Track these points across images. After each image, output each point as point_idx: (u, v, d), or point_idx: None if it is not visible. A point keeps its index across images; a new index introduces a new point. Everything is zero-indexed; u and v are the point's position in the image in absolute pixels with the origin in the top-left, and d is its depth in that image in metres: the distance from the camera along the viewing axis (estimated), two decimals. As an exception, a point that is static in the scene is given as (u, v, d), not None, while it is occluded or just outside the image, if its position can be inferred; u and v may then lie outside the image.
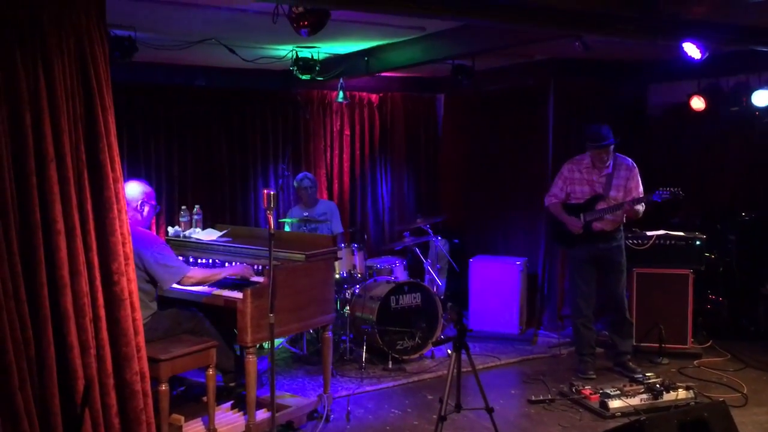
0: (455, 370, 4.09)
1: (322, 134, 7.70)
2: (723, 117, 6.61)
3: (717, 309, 6.53)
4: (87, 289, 3.13)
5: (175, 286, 4.29)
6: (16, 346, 2.92)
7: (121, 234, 3.25)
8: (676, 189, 5.19)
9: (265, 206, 3.78)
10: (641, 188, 5.47)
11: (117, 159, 3.25)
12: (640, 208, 5.41)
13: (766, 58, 5.75)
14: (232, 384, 4.80)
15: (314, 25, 3.80)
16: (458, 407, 4.19)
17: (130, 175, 6.34)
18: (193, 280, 4.31)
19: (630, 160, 5.54)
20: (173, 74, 6.67)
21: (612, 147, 5.40)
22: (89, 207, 3.14)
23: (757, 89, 6.11)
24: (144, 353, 3.41)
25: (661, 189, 5.23)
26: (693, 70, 6.24)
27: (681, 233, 6.14)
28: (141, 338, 3.38)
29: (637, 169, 5.50)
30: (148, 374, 3.44)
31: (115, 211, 3.21)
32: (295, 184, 6.89)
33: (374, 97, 7.97)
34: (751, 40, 4.86)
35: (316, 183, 6.91)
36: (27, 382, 2.95)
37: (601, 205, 5.42)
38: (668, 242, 6.10)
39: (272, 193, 3.80)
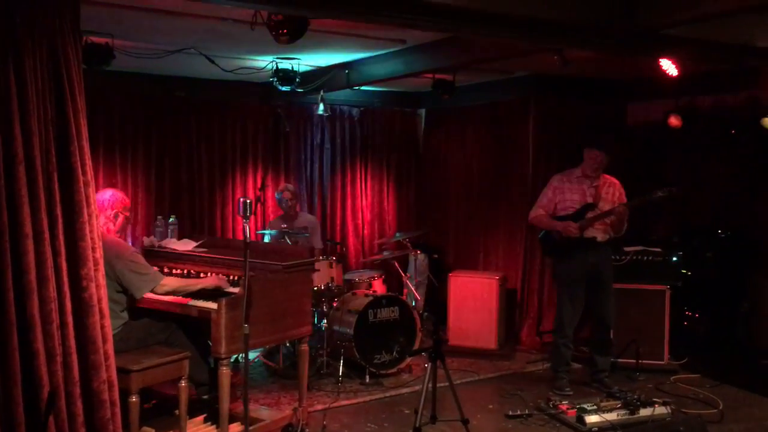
0: (431, 381, 4.05)
1: (302, 147, 7.68)
2: (700, 135, 6.68)
3: (694, 325, 6.56)
4: (54, 294, 3.05)
5: (149, 294, 4.22)
6: (-21, 353, 2.85)
7: (91, 239, 3.18)
8: (672, 187, 5.23)
9: (241, 214, 3.74)
10: None
11: (89, 163, 3.20)
12: (624, 219, 5.42)
13: (742, 77, 5.85)
14: (205, 396, 4.71)
15: (293, 33, 3.80)
16: (434, 419, 4.16)
17: (106, 184, 6.29)
18: (167, 288, 4.24)
19: (617, 180, 5.59)
20: (153, 84, 6.63)
21: (607, 161, 5.45)
22: (59, 211, 3.08)
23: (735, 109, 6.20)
24: (112, 361, 3.33)
25: (656, 189, 5.26)
26: (670, 89, 6.32)
27: (658, 249, 6.16)
28: (110, 346, 3.31)
29: (623, 189, 5.57)
30: (116, 383, 3.36)
31: (86, 215, 3.15)
32: (276, 195, 6.86)
33: (355, 110, 7.97)
34: (729, 58, 4.93)
35: (297, 195, 6.87)
36: (-10, 391, 2.87)
37: (590, 213, 5.43)
38: (646, 258, 6.13)
39: (248, 200, 3.76)
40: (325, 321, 5.96)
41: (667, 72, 5.11)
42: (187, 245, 4.98)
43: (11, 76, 2.91)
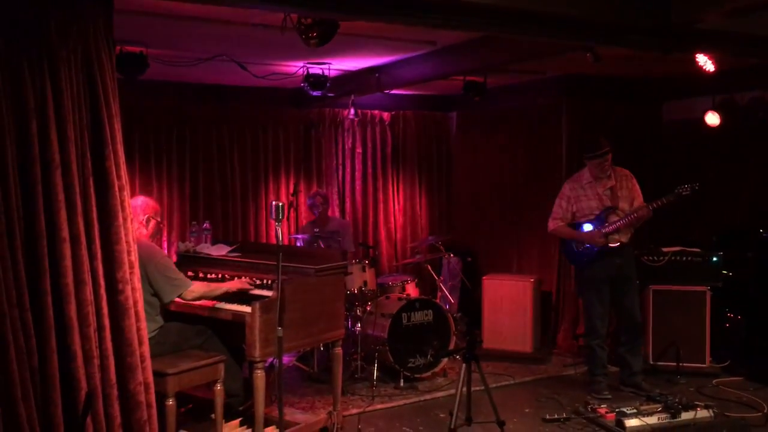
0: (466, 382, 4.01)
1: (333, 152, 7.71)
2: (739, 133, 6.53)
3: (735, 327, 6.39)
4: (91, 297, 3.10)
5: (177, 300, 4.26)
6: (19, 355, 2.89)
7: (127, 242, 3.22)
8: (693, 184, 5.16)
9: (273, 217, 3.75)
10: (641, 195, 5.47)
11: (123, 167, 3.24)
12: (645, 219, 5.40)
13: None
14: (240, 408, 4.70)
15: (322, 36, 3.80)
16: (469, 420, 4.11)
17: (142, 192, 6.38)
18: (195, 294, 4.28)
19: (626, 170, 5.52)
20: (185, 93, 6.72)
21: (611, 156, 5.36)
22: (94, 215, 3.12)
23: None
24: (148, 363, 3.36)
25: (680, 187, 5.19)
26: (707, 86, 6.19)
27: (697, 250, 6.04)
28: (145, 348, 3.34)
29: (635, 178, 5.50)
30: (152, 385, 3.40)
31: (121, 219, 3.19)
32: (308, 201, 6.90)
33: (386, 115, 7.98)
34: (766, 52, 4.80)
35: (328, 199, 6.90)
36: (30, 392, 2.92)
37: (613, 218, 5.35)
38: (685, 258, 6.00)
39: (280, 204, 3.75)
40: (359, 325, 5.95)
41: (704, 68, 4.99)
42: (221, 250, 5.01)
43: (47, 82, 2.97)
